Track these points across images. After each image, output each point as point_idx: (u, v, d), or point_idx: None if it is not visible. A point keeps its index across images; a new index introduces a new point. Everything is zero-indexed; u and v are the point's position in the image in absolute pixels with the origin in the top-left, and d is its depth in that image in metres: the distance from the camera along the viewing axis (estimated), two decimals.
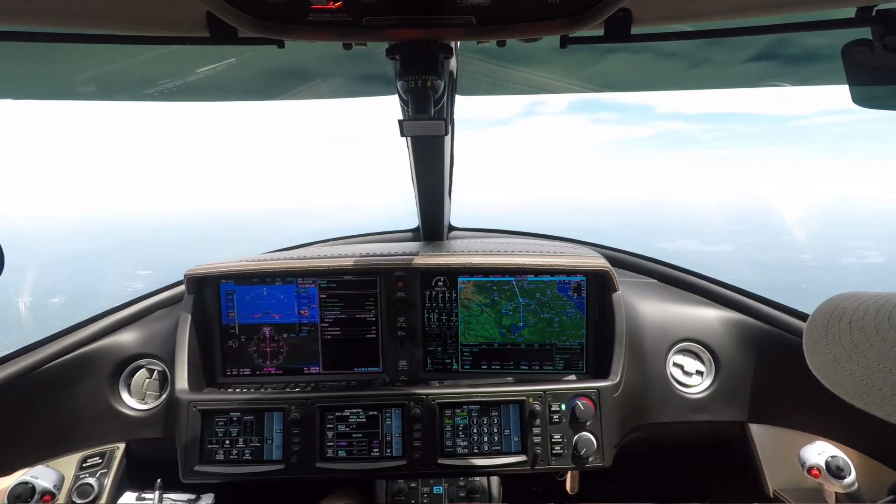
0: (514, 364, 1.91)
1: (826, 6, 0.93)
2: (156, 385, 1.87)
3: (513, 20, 0.85)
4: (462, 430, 1.73)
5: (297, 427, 1.71)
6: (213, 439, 1.72)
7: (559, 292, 1.87)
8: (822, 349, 0.65)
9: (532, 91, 1.91)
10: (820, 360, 0.65)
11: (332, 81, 1.75)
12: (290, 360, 1.92)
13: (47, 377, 1.80)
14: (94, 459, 1.78)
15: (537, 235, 2.53)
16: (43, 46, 1.17)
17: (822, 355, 0.65)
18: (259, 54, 1.41)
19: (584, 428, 1.71)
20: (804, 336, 0.68)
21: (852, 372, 0.60)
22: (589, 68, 1.67)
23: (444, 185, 1.95)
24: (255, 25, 0.83)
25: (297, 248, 2.35)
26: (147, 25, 0.95)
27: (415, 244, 2.25)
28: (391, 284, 1.90)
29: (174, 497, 1.67)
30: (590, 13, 0.83)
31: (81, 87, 1.64)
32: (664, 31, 1.10)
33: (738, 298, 2.02)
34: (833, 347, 0.64)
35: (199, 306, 1.87)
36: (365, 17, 0.83)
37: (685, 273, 2.18)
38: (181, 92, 1.66)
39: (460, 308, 1.91)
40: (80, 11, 0.90)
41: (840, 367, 0.62)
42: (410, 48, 0.98)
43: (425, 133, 1.05)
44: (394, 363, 1.92)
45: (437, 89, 1.02)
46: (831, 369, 0.63)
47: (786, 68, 1.59)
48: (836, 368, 0.62)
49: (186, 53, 1.38)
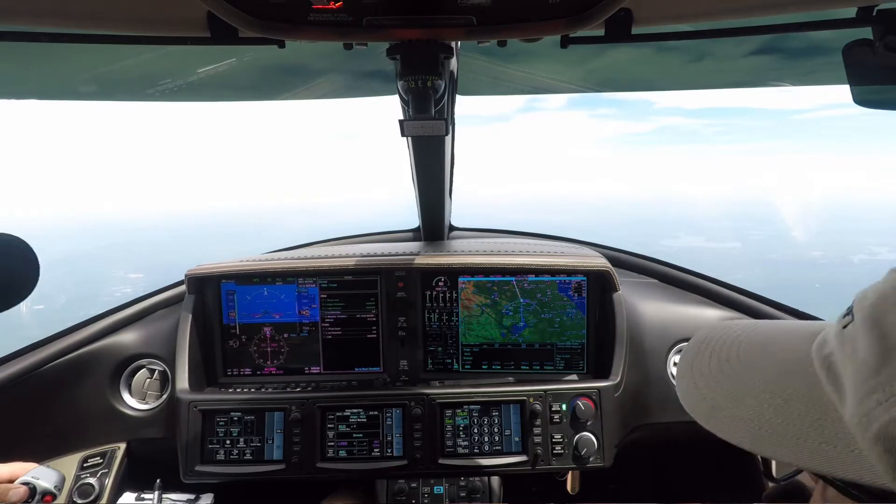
0: (514, 364, 1.91)
1: (827, 6, 0.93)
2: (157, 385, 1.87)
3: (513, 20, 0.85)
4: (463, 430, 1.73)
5: (297, 427, 1.71)
6: (213, 439, 1.72)
7: (560, 292, 1.87)
8: (686, 376, 0.68)
9: (533, 91, 1.91)
10: (683, 386, 0.67)
11: (333, 81, 1.75)
12: (291, 360, 1.92)
13: (48, 377, 1.80)
14: (95, 459, 1.78)
15: (538, 235, 2.53)
16: (43, 46, 1.17)
17: (685, 381, 0.67)
18: (260, 54, 1.41)
19: (584, 428, 1.71)
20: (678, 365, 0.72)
21: (706, 397, 0.63)
22: (588, 63, 1.66)
23: (445, 185, 1.95)
24: (255, 25, 0.84)
25: (298, 247, 2.35)
26: (147, 25, 0.95)
27: (415, 244, 2.25)
28: (392, 284, 1.90)
29: (174, 497, 1.67)
30: (590, 13, 0.83)
31: (82, 87, 1.64)
32: (665, 31, 1.10)
33: (739, 298, 2.02)
34: (695, 375, 0.66)
35: (200, 306, 1.87)
36: (365, 17, 0.83)
37: (686, 273, 2.18)
38: (181, 92, 1.66)
39: (461, 308, 1.91)
40: (80, 11, 0.90)
41: (697, 391, 0.64)
42: (411, 48, 0.98)
43: (426, 133, 1.05)
44: (394, 363, 1.92)
45: (437, 89, 1.02)
46: (690, 395, 0.65)
47: (787, 62, 1.58)
48: (694, 393, 0.65)
49: (187, 53, 1.38)
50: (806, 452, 0.49)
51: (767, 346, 0.63)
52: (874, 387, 0.43)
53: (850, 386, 0.47)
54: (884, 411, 0.42)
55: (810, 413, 0.51)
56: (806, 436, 0.50)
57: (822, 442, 0.48)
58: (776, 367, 0.59)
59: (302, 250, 2.25)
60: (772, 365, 0.59)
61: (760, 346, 0.64)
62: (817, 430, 0.49)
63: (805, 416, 0.51)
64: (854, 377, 0.46)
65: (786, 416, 0.53)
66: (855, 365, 0.46)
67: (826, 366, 0.51)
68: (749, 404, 0.57)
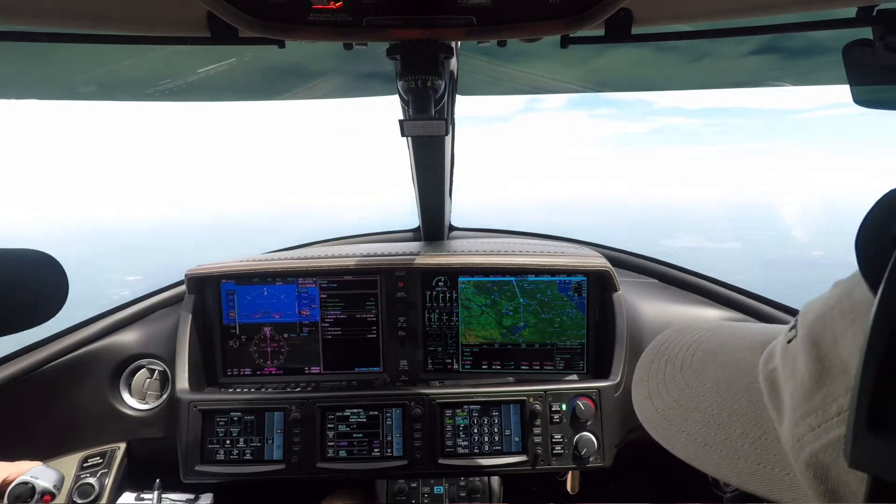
0: (514, 364, 1.91)
1: (826, 6, 0.93)
2: (156, 385, 1.87)
3: (513, 20, 0.85)
4: (463, 430, 1.73)
5: (297, 427, 1.71)
6: (213, 439, 1.72)
7: (560, 292, 1.87)
8: (642, 385, 0.64)
9: (533, 91, 1.91)
10: (639, 396, 0.63)
11: (332, 81, 1.74)
12: (291, 360, 1.92)
13: (48, 377, 1.80)
14: (95, 459, 1.78)
15: (538, 235, 2.53)
16: (43, 46, 1.17)
17: (640, 391, 0.63)
18: (259, 54, 1.41)
19: (584, 428, 1.71)
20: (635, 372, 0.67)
21: (657, 407, 0.59)
22: (588, 63, 1.66)
23: (445, 185, 1.95)
24: (255, 25, 0.84)
25: (298, 247, 2.35)
26: (147, 25, 0.95)
27: (415, 244, 2.25)
28: (392, 284, 1.90)
29: (173, 497, 1.67)
30: (590, 13, 0.83)
31: (82, 87, 1.64)
32: (665, 31, 1.10)
33: (739, 298, 2.02)
34: (650, 383, 0.63)
35: (200, 306, 1.87)
36: (365, 17, 0.83)
37: (686, 273, 2.18)
38: (181, 92, 1.66)
39: (461, 308, 1.91)
40: (80, 11, 0.90)
41: (650, 401, 0.61)
42: (411, 48, 0.98)
43: (426, 133, 1.05)
44: (394, 363, 1.92)
45: (437, 89, 1.02)
46: (643, 404, 0.62)
47: (787, 62, 1.58)
48: (647, 404, 0.61)
49: (187, 53, 1.38)
50: (745, 473, 0.47)
51: (718, 354, 0.59)
52: (808, 410, 0.41)
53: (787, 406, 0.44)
54: (815, 438, 0.40)
55: (751, 432, 0.48)
56: (745, 455, 0.47)
57: (760, 463, 0.46)
58: (724, 378, 0.55)
59: (302, 250, 2.25)
60: (720, 376, 0.56)
61: (711, 354, 0.60)
62: (756, 451, 0.47)
63: (746, 435, 0.49)
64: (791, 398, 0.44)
65: (728, 433, 0.50)
66: (794, 384, 0.44)
67: (770, 382, 0.48)
68: (695, 418, 0.54)
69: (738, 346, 0.59)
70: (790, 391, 0.45)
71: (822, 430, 0.39)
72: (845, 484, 0.37)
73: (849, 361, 0.39)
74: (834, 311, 0.42)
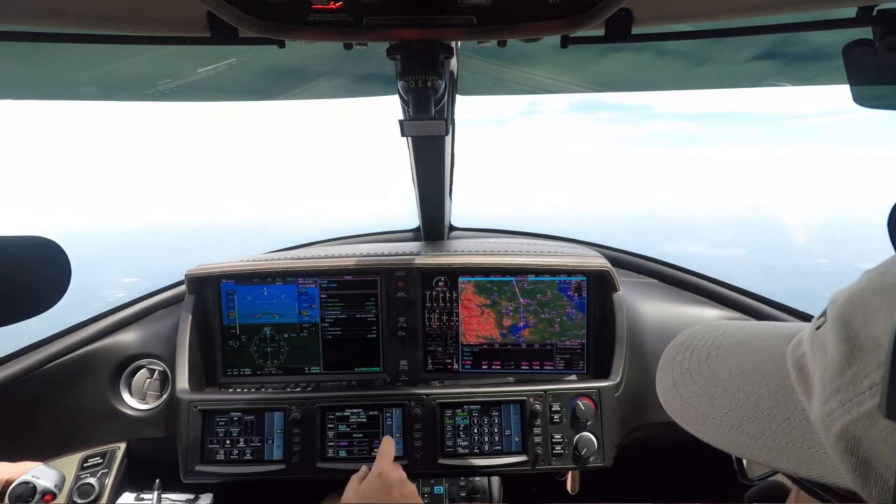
0: (514, 364, 1.91)
1: (826, 6, 0.93)
2: (156, 385, 1.87)
3: (513, 20, 0.85)
4: (462, 430, 1.73)
5: (297, 427, 1.71)
6: (213, 439, 1.72)
7: (560, 292, 1.87)
8: (666, 375, 0.68)
9: (533, 91, 1.90)
10: (662, 385, 0.67)
11: (332, 81, 1.75)
12: (291, 360, 1.92)
13: (48, 377, 1.80)
14: (95, 459, 1.78)
15: (538, 235, 2.53)
16: (43, 46, 1.17)
17: (664, 380, 0.68)
18: (259, 54, 1.41)
19: (584, 428, 1.71)
20: (658, 363, 0.72)
21: (682, 395, 0.63)
22: (590, 66, 1.67)
23: (445, 185, 1.95)
24: (255, 25, 0.84)
25: (298, 247, 2.35)
26: (147, 25, 0.95)
27: (415, 244, 2.25)
28: (392, 284, 1.90)
29: (173, 497, 1.67)
30: (590, 13, 0.83)
31: (82, 87, 1.64)
32: (665, 31, 1.10)
33: (739, 298, 2.02)
34: (674, 373, 0.67)
35: (200, 306, 1.87)
36: (365, 17, 0.83)
37: (686, 273, 2.18)
38: (181, 92, 1.66)
39: (461, 308, 1.91)
40: (80, 11, 0.90)
41: (675, 390, 0.65)
42: (411, 48, 0.98)
43: (426, 133, 1.05)
44: (394, 363, 1.92)
45: (437, 89, 1.02)
46: (668, 393, 0.66)
47: (789, 67, 1.58)
48: (672, 392, 0.65)
49: (187, 53, 1.38)
50: (773, 451, 0.50)
51: (745, 344, 0.63)
52: (838, 387, 0.44)
53: (817, 386, 0.47)
54: (846, 412, 0.42)
55: (779, 413, 0.52)
56: (774, 434, 0.51)
57: (789, 441, 0.49)
58: (751, 366, 0.59)
59: (302, 250, 2.25)
60: (747, 364, 0.60)
61: (738, 345, 0.64)
62: (785, 429, 0.50)
63: (774, 415, 0.52)
64: (821, 378, 0.47)
65: (756, 414, 0.53)
66: (823, 366, 0.47)
67: (798, 366, 0.52)
68: (721, 403, 0.58)
69: (764, 338, 0.62)
70: (820, 372, 0.47)
71: (854, 404, 0.42)
72: (876, 454, 0.40)
73: (880, 338, 0.41)
74: (864, 291, 0.45)
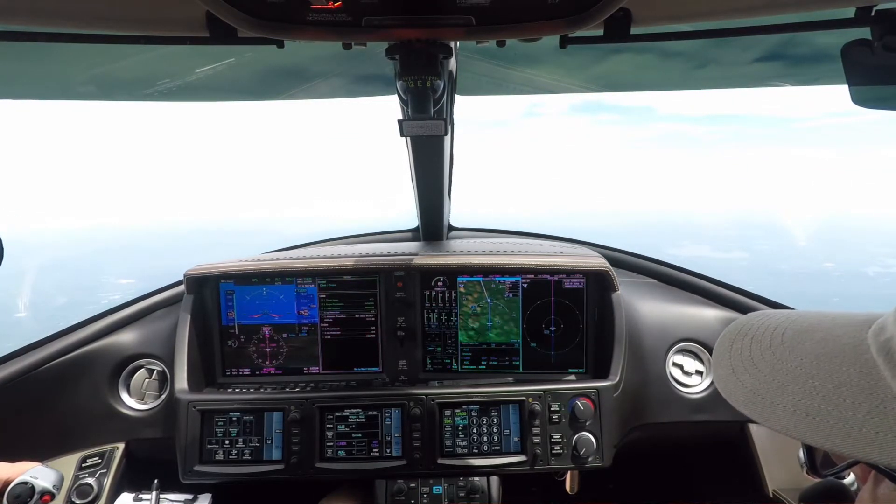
0: (513, 364, 1.91)
1: (825, 6, 0.93)
2: (155, 385, 1.87)
3: (512, 20, 0.85)
4: (461, 430, 1.73)
5: (296, 427, 1.71)
6: (212, 439, 1.71)
7: (558, 292, 1.87)
8: (724, 362, 0.67)
9: (533, 91, 1.90)
10: (721, 373, 0.66)
11: (332, 81, 1.74)
12: (290, 361, 1.92)
13: (47, 377, 1.80)
14: (94, 459, 1.77)
15: (537, 235, 2.53)
16: (43, 46, 1.17)
17: (723, 368, 0.66)
18: (258, 54, 1.41)
19: (583, 428, 1.70)
20: (713, 350, 0.70)
21: (745, 383, 0.62)
22: (591, 68, 1.66)
23: (444, 186, 1.95)
24: (254, 25, 0.84)
25: (297, 248, 2.34)
26: (147, 25, 0.95)
27: (414, 244, 2.25)
28: (391, 284, 1.90)
29: (172, 497, 1.67)
30: (589, 13, 0.83)
31: (81, 87, 1.64)
32: (664, 31, 1.10)
33: (738, 298, 2.03)
34: (734, 360, 0.66)
35: (199, 306, 1.87)
36: (364, 17, 0.83)
37: (685, 273, 2.18)
38: (180, 92, 1.66)
39: (460, 308, 1.91)
40: (80, 11, 0.90)
41: (736, 378, 0.63)
42: (410, 48, 0.98)
43: (425, 133, 1.05)
44: (393, 363, 1.92)
45: (436, 89, 1.02)
46: (728, 381, 0.64)
47: (791, 69, 1.58)
48: (733, 380, 0.64)
49: (186, 53, 1.38)
50: (860, 441, 0.48)
51: (812, 332, 0.61)
52: None
53: None
54: None
55: (866, 401, 0.50)
56: (860, 424, 0.49)
57: (879, 431, 0.47)
58: (823, 353, 0.57)
59: (301, 250, 2.25)
60: (818, 352, 0.58)
61: (805, 332, 0.62)
62: (873, 419, 0.48)
63: (859, 404, 0.50)
64: None
65: (837, 403, 0.51)
66: None
67: (885, 351, 0.50)
68: (793, 391, 0.56)
69: (835, 324, 0.60)
70: None
71: None
72: None
73: None
74: None
